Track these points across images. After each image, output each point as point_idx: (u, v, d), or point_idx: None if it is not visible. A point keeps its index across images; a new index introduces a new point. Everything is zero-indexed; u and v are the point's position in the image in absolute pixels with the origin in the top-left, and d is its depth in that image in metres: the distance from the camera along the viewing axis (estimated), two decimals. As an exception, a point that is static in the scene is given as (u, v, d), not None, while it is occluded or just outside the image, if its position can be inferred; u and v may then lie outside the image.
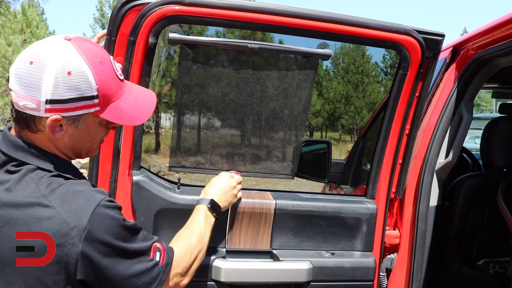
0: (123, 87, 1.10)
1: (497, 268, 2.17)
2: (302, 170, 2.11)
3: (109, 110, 1.05)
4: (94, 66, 1.00)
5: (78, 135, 1.07)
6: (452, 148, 1.87)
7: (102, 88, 1.02)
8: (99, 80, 1.01)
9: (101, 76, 1.01)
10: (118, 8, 1.43)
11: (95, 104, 1.02)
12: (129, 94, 1.11)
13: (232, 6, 1.46)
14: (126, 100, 1.08)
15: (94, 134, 1.10)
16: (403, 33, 1.58)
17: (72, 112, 1.00)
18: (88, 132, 1.08)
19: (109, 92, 1.04)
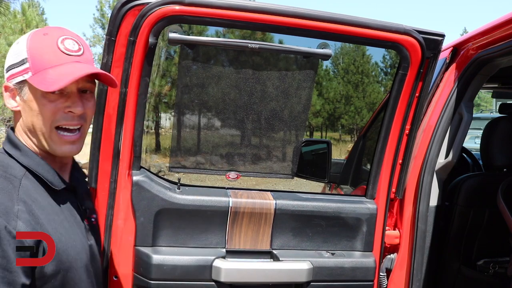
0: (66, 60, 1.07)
1: (497, 268, 2.17)
2: (302, 170, 2.11)
3: (37, 76, 1.03)
4: (34, 36, 1.07)
5: (26, 108, 1.07)
6: (452, 148, 1.87)
7: (33, 53, 1.04)
8: (31, 46, 1.05)
9: (35, 43, 1.05)
10: (118, 8, 1.43)
11: (26, 69, 1.04)
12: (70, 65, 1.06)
13: (232, 6, 1.46)
14: (58, 69, 1.04)
15: (38, 108, 1.05)
16: (403, 33, 1.58)
17: (14, 78, 1.06)
18: (32, 104, 1.06)
19: (41, 58, 1.04)
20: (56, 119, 1.06)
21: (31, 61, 1.04)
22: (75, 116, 1.08)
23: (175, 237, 1.66)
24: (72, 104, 1.07)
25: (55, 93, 1.04)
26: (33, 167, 1.07)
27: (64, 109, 1.06)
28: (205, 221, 1.67)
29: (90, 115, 1.14)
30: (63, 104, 1.06)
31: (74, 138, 1.10)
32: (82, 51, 1.10)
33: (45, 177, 1.08)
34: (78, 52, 1.09)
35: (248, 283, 1.69)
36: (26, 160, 1.07)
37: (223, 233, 1.69)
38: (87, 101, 1.11)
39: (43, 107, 1.05)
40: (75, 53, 1.08)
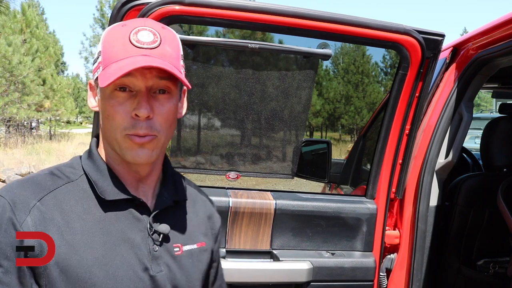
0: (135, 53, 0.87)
1: (497, 268, 2.17)
2: (302, 170, 2.11)
3: (104, 70, 0.88)
4: (113, 27, 0.93)
5: (100, 109, 0.93)
6: (452, 148, 1.87)
7: (105, 46, 0.91)
8: (105, 39, 0.92)
9: (110, 35, 0.92)
10: (118, 8, 1.43)
11: (99, 64, 0.90)
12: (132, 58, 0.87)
13: (232, 6, 1.46)
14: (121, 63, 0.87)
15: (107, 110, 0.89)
16: (403, 33, 1.58)
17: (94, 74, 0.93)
18: (103, 105, 0.90)
19: (110, 51, 0.89)
20: (125, 127, 0.88)
21: (102, 55, 0.90)
22: (142, 123, 0.88)
23: (175, 237, 1.66)
24: (137, 106, 0.87)
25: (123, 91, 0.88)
26: (88, 171, 0.93)
27: (131, 112, 0.88)
28: (205, 221, 1.67)
29: (163, 122, 0.91)
30: (131, 106, 0.88)
31: (143, 140, 0.89)
32: (158, 44, 0.89)
33: (96, 183, 0.91)
34: (152, 44, 0.88)
35: (248, 283, 1.69)
36: (86, 163, 0.95)
37: (223, 233, 1.69)
38: (159, 103, 0.90)
39: (112, 109, 0.88)
40: (147, 45, 0.88)
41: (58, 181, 0.91)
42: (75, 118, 34.31)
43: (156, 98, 0.90)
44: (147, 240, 0.93)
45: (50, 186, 0.89)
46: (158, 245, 0.94)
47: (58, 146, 16.31)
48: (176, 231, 0.99)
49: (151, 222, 0.94)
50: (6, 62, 14.73)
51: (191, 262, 1.00)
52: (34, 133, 20.39)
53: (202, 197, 1.14)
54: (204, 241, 1.05)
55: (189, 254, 1.00)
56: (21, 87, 16.33)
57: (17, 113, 15.96)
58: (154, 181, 0.99)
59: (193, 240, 1.02)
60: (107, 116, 0.89)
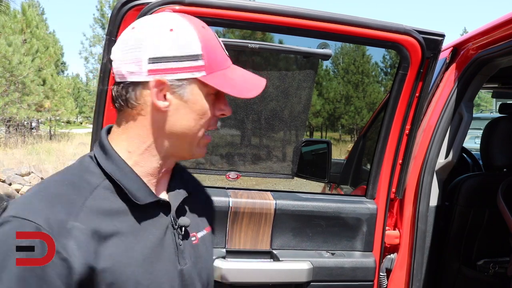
0: (229, 62, 0.95)
1: (497, 268, 2.17)
2: (302, 170, 2.11)
3: (216, 76, 0.89)
4: (197, 27, 0.90)
5: (184, 110, 0.89)
6: (452, 148, 1.87)
7: (207, 49, 0.88)
8: (203, 40, 0.88)
9: (205, 38, 0.89)
10: (118, 8, 1.43)
11: (200, 67, 0.87)
12: (237, 69, 0.95)
13: (232, 6, 1.46)
14: (234, 72, 0.93)
15: (202, 111, 0.90)
16: (403, 33, 1.58)
17: (176, 73, 0.87)
18: (195, 106, 0.90)
19: (215, 57, 0.89)
20: (211, 124, 0.94)
21: (207, 59, 0.87)
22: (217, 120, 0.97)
23: (175, 237, 1.66)
24: (226, 108, 0.95)
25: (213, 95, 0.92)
26: (115, 175, 0.88)
27: (217, 112, 0.94)
28: (205, 221, 1.67)
29: None
30: (217, 107, 0.94)
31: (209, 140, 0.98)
32: None
33: (127, 188, 0.88)
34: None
35: (248, 283, 1.69)
36: (110, 166, 0.89)
37: (223, 233, 1.69)
38: None
39: (207, 109, 0.91)
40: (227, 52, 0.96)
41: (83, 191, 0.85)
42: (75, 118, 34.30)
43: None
44: (173, 236, 0.94)
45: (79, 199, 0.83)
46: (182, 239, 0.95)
47: (58, 146, 16.30)
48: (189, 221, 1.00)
49: (175, 217, 0.95)
50: (6, 62, 14.72)
51: (205, 248, 1.03)
52: (34, 133, 20.39)
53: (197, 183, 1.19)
54: (209, 225, 1.10)
55: (202, 240, 1.03)
56: (21, 87, 16.33)
57: (17, 113, 15.96)
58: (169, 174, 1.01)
59: (202, 226, 1.05)
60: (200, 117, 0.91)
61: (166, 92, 0.88)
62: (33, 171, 9.23)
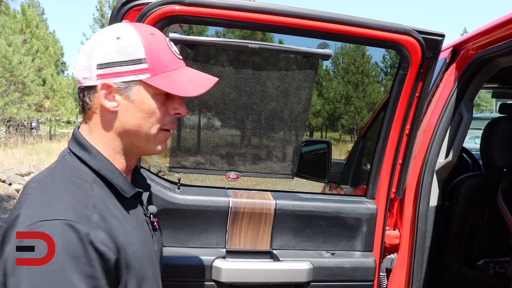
0: (179, 64, 1.05)
1: (497, 268, 2.17)
2: (302, 170, 2.11)
3: (160, 78, 0.98)
4: (143, 34, 0.99)
5: (132, 109, 0.99)
6: (452, 148, 1.87)
7: (151, 53, 0.98)
8: (147, 45, 0.98)
9: (150, 43, 0.99)
10: (118, 8, 1.43)
11: (144, 70, 0.97)
12: (186, 70, 1.05)
13: (232, 6, 1.46)
14: (181, 73, 1.02)
15: (150, 110, 1.00)
16: (403, 33, 1.58)
17: (122, 77, 0.97)
18: (142, 105, 0.99)
19: (159, 60, 0.99)
20: (165, 122, 1.02)
21: (150, 62, 0.97)
22: (176, 119, 1.07)
23: (175, 237, 1.66)
24: (180, 106, 1.04)
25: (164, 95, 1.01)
26: (103, 171, 0.99)
27: (171, 111, 1.03)
28: (205, 221, 1.67)
29: None
30: (170, 106, 1.03)
31: (169, 135, 1.07)
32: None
33: (116, 183, 1.00)
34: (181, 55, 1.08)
35: (248, 283, 1.69)
36: (97, 164, 0.99)
37: (223, 233, 1.69)
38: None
39: (155, 108, 1.00)
40: (180, 56, 1.07)
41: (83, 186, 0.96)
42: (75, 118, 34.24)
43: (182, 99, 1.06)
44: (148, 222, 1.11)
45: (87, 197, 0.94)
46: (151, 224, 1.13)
47: (58, 146, 16.30)
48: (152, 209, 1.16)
49: (146, 206, 1.13)
50: (6, 62, 14.72)
51: (160, 233, 1.22)
52: (34, 133, 20.39)
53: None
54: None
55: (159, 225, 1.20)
56: (21, 87, 16.33)
57: (17, 113, 15.96)
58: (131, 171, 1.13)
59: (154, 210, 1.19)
60: (148, 116, 1.00)
61: (114, 94, 0.98)
62: (33, 171, 9.23)
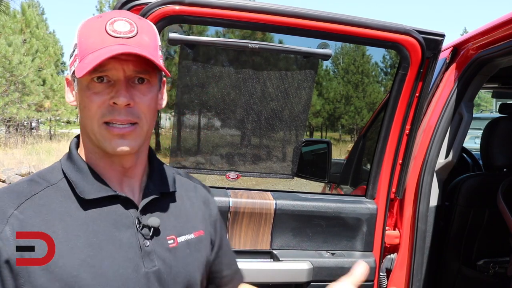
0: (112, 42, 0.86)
1: (497, 268, 2.17)
2: (302, 170, 2.11)
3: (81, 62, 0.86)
4: (88, 20, 0.91)
5: (78, 103, 0.91)
6: (452, 148, 1.87)
7: (81, 38, 0.89)
8: (81, 31, 0.90)
9: (85, 27, 0.90)
10: (118, 8, 1.43)
11: (75, 56, 0.89)
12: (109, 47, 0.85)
13: (232, 6, 1.46)
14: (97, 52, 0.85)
15: (82, 101, 0.88)
16: (403, 33, 1.58)
17: (70, 68, 0.92)
18: (79, 97, 0.90)
19: (86, 43, 0.87)
20: (102, 113, 0.87)
21: (78, 47, 0.88)
22: (121, 109, 0.87)
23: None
24: (115, 94, 0.86)
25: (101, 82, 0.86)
26: (67, 171, 0.91)
27: (109, 100, 0.87)
28: (205, 221, 1.67)
29: (145, 111, 0.90)
30: (108, 95, 0.87)
31: (124, 131, 0.88)
32: (135, 33, 0.88)
33: (75, 183, 0.89)
34: (129, 33, 0.87)
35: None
36: (65, 164, 0.93)
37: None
38: (139, 92, 0.88)
39: (87, 99, 0.87)
40: (124, 34, 0.87)
41: (36, 186, 0.89)
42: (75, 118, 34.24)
43: (136, 88, 0.89)
44: (137, 236, 0.90)
45: (28, 193, 0.87)
46: (149, 239, 0.91)
47: (58, 146, 16.30)
48: (169, 223, 0.96)
49: (139, 217, 0.92)
50: (6, 62, 14.73)
51: (188, 253, 0.98)
52: (34, 133, 20.39)
53: (194, 184, 1.11)
54: (202, 230, 1.03)
55: (186, 244, 0.98)
56: (21, 87, 16.34)
57: (17, 113, 15.97)
58: (139, 174, 0.97)
59: (189, 229, 1.00)
60: (83, 107, 0.88)
61: (73, 88, 0.93)
62: (33, 171, 9.23)
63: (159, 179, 1.00)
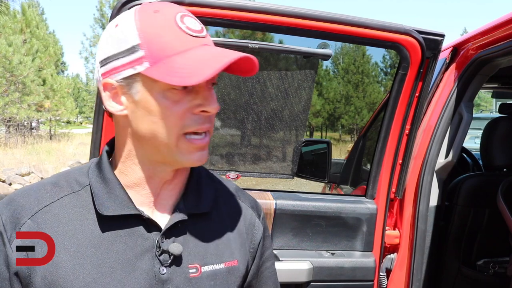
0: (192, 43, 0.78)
1: (497, 268, 2.17)
2: (302, 170, 2.11)
3: (158, 66, 0.75)
4: (143, 15, 0.78)
5: (140, 112, 0.78)
6: (452, 148, 1.87)
7: (148, 36, 0.76)
8: (143, 27, 0.76)
9: (148, 24, 0.77)
10: (118, 8, 1.43)
11: (140, 58, 0.76)
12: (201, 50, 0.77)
13: (232, 6, 1.46)
14: (190, 55, 0.76)
15: (157, 111, 0.77)
16: (403, 33, 1.58)
17: (119, 72, 0.78)
18: (148, 106, 0.77)
19: (160, 42, 0.76)
20: (186, 124, 0.78)
21: (147, 48, 0.75)
22: (207, 117, 0.80)
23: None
24: (205, 102, 0.78)
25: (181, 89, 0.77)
26: (91, 180, 0.83)
27: (194, 109, 0.78)
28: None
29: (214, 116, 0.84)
30: (191, 102, 0.78)
31: (204, 142, 0.81)
32: (205, 32, 0.81)
33: (96, 195, 0.81)
34: (202, 32, 0.80)
35: (248, 283, 1.69)
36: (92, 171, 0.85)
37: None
38: (214, 98, 0.82)
39: (166, 109, 0.77)
40: (200, 34, 0.79)
41: (58, 192, 0.82)
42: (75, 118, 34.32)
43: (211, 92, 0.82)
44: (153, 261, 0.81)
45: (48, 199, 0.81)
46: (167, 267, 0.81)
47: (58, 146, 16.31)
48: (195, 249, 0.85)
49: (160, 241, 0.82)
50: (7, 62, 14.73)
51: (212, 285, 0.85)
52: (34, 133, 20.39)
53: (240, 203, 0.98)
54: (237, 259, 0.90)
55: (212, 275, 0.85)
56: (21, 87, 16.33)
57: (17, 113, 15.97)
58: (179, 184, 0.88)
59: (219, 258, 0.87)
60: (158, 119, 0.77)
61: (120, 95, 0.80)
62: (33, 171, 9.24)
63: (194, 195, 0.89)
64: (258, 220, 0.99)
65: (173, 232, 0.84)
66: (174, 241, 0.83)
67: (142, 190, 0.84)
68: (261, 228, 0.99)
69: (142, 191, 0.84)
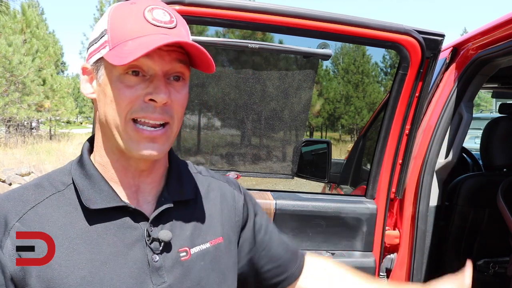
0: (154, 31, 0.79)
1: (497, 268, 2.17)
2: (302, 170, 2.11)
3: (114, 50, 0.78)
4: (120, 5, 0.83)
5: (101, 95, 0.82)
6: (452, 148, 1.87)
7: (114, 23, 0.80)
8: (113, 16, 0.81)
9: (119, 12, 0.81)
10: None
11: (104, 43, 0.80)
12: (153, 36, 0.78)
13: (232, 6, 1.46)
14: (140, 40, 0.77)
15: (111, 94, 0.79)
16: (403, 33, 1.58)
17: (92, 56, 0.83)
18: (106, 89, 0.80)
19: (122, 29, 0.79)
20: (133, 109, 0.79)
21: (110, 32, 0.79)
22: (157, 107, 0.79)
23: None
24: (154, 90, 0.79)
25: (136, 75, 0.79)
26: (75, 177, 0.84)
27: (144, 96, 0.79)
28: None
29: (178, 110, 0.83)
30: (144, 90, 0.79)
31: (155, 134, 0.80)
32: (175, 24, 0.82)
33: (81, 191, 0.82)
34: (169, 24, 0.81)
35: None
36: (75, 169, 0.86)
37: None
38: (175, 90, 0.81)
39: (118, 92, 0.79)
40: (165, 24, 0.80)
41: (42, 193, 0.83)
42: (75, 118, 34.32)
43: (172, 85, 0.82)
44: (145, 250, 0.83)
45: (33, 201, 0.81)
46: (158, 254, 0.84)
47: (58, 146, 16.30)
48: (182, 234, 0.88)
49: (149, 230, 0.84)
50: (7, 62, 14.73)
51: (202, 265, 0.89)
52: (34, 133, 20.39)
53: (217, 182, 1.02)
54: (221, 236, 0.94)
55: (201, 255, 0.89)
56: (21, 87, 16.34)
57: (17, 113, 15.97)
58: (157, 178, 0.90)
59: (205, 238, 0.91)
60: (110, 101, 0.79)
61: (94, 79, 0.84)
62: (33, 171, 9.24)
63: (176, 184, 0.92)
64: (236, 191, 1.04)
65: (160, 220, 0.86)
66: (162, 228, 0.85)
67: (122, 182, 0.86)
68: (241, 196, 1.04)
69: (123, 183, 0.86)
